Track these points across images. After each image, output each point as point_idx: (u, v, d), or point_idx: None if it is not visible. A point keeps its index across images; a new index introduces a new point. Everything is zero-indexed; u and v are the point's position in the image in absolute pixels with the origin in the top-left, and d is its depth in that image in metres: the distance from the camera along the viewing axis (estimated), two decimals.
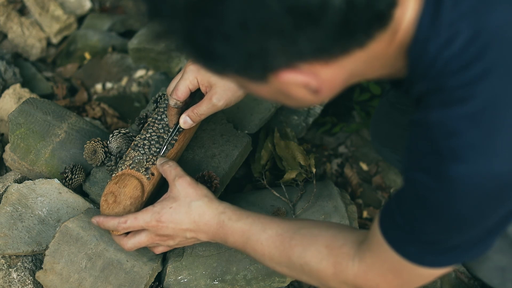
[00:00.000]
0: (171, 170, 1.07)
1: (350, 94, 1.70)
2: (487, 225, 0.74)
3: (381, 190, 1.57)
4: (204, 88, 1.11)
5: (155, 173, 1.14)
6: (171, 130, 1.18)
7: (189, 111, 1.12)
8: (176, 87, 1.11)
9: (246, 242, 0.98)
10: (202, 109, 1.11)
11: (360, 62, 0.69)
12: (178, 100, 1.12)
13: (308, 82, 0.68)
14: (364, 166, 1.62)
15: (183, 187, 1.03)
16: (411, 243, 0.78)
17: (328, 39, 0.62)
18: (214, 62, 0.67)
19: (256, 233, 0.97)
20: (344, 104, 1.70)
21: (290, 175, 1.36)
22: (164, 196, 1.06)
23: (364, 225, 1.48)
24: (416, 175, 0.73)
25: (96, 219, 1.07)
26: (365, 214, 1.52)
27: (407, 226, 0.77)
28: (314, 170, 1.37)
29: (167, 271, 1.19)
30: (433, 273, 0.81)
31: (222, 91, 1.09)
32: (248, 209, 1.31)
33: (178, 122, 1.16)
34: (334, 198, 1.33)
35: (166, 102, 1.22)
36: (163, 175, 1.10)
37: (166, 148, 1.16)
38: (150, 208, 1.04)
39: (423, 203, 0.73)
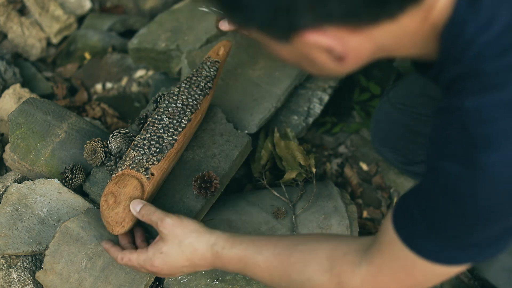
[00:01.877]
0: (150, 217, 1.03)
1: (350, 94, 1.70)
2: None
3: (381, 190, 1.57)
4: None
5: (155, 173, 1.14)
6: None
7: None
8: None
9: (245, 268, 0.95)
10: None
11: (389, 36, 0.68)
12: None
13: (332, 47, 0.66)
14: (364, 166, 1.62)
15: (168, 230, 0.99)
16: (428, 239, 0.75)
17: (359, 3, 0.61)
18: (239, 13, 0.65)
19: (253, 257, 0.94)
20: (344, 104, 1.70)
21: (290, 175, 1.36)
22: (156, 238, 1.03)
23: (364, 225, 1.48)
24: (443, 164, 0.70)
25: (104, 245, 1.08)
26: (365, 214, 1.52)
27: (425, 220, 0.74)
28: (314, 170, 1.37)
29: None
30: (447, 271, 0.78)
31: None
32: (248, 210, 1.32)
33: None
34: (334, 198, 1.33)
35: (166, 102, 1.22)
36: (146, 222, 1.06)
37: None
38: (144, 251, 1.01)
39: (448, 194, 0.70)
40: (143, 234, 1.11)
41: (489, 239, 0.74)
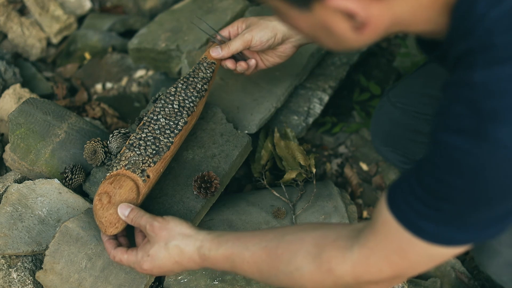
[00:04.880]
0: (139, 221, 1.03)
1: (350, 94, 1.70)
2: None
3: (381, 190, 1.57)
4: (240, 30, 1.25)
5: (151, 175, 1.12)
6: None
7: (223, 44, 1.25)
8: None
9: (233, 266, 0.94)
10: (233, 42, 1.23)
11: (407, 8, 0.69)
12: (215, 33, 1.27)
13: (356, 11, 0.66)
14: (364, 166, 1.62)
15: (155, 233, 0.99)
16: (427, 218, 0.73)
17: None
18: None
19: (240, 254, 0.92)
20: (344, 104, 1.70)
21: (290, 175, 1.36)
22: (144, 240, 1.03)
23: None
24: (449, 138, 0.68)
25: (102, 236, 1.09)
26: (365, 214, 1.52)
27: (426, 196, 0.72)
28: (314, 170, 1.37)
29: None
30: (444, 253, 0.76)
31: (256, 29, 1.21)
32: (248, 210, 1.32)
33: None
34: (334, 198, 1.33)
35: (162, 102, 1.21)
36: (134, 225, 1.07)
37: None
38: (134, 253, 1.02)
39: (454, 168, 0.68)
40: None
41: (491, 218, 0.72)
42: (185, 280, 1.19)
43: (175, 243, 0.98)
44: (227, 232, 0.98)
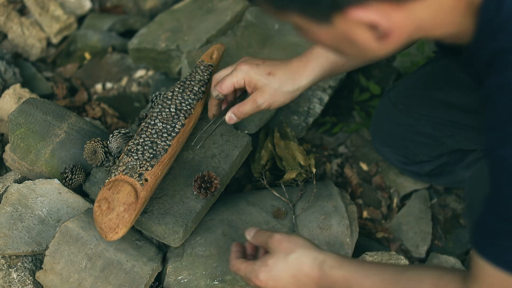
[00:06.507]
0: (261, 237, 1.03)
1: (350, 94, 1.70)
2: None
3: (381, 190, 1.57)
4: (250, 89, 1.16)
5: (149, 179, 1.13)
6: (211, 121, 1.27)
7: (234, 108, 1.17)
8: (222, 80, 1.16)
9: None
10: (247, 108, 1.16)
11: (429, 12, 0.68)
12: (220, 93, 1.17)
13: (378, 22, 0.65)
14: (364, 166, 1.62)
15: (276, 245, 0.98)
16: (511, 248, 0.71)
17: None
18: None
19: (360, 280, 0.92)
20: (344, 104, 1.70)
21: (290, 175, 1.36)
22: (265, 254, 1.02)
23: (364, 225, 1.48)
24: (503, 151, 0.65)
25: (232, 247, 1.07)
26: (365, 214, 1.52)
27: (505, 226, 0.69)
28: (314, 170, 1.37)
29: (167, 271, 1.19)
30: None
31: (267, 95, 1.13)
32: (248, 210, 1.32)
33: (217, 114, 1.25)
34: (334, 198, 1.33)
35: (160, 106, 1.22)
36: (258, 245, 1.06)
37: (197, 140, 1.25)
38: (252, 263, 1.00)
39: None
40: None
41: None
42: (185, 280, 1.19)
43: (296, 256, 0.96)
44: (347, 256, 0.97)
